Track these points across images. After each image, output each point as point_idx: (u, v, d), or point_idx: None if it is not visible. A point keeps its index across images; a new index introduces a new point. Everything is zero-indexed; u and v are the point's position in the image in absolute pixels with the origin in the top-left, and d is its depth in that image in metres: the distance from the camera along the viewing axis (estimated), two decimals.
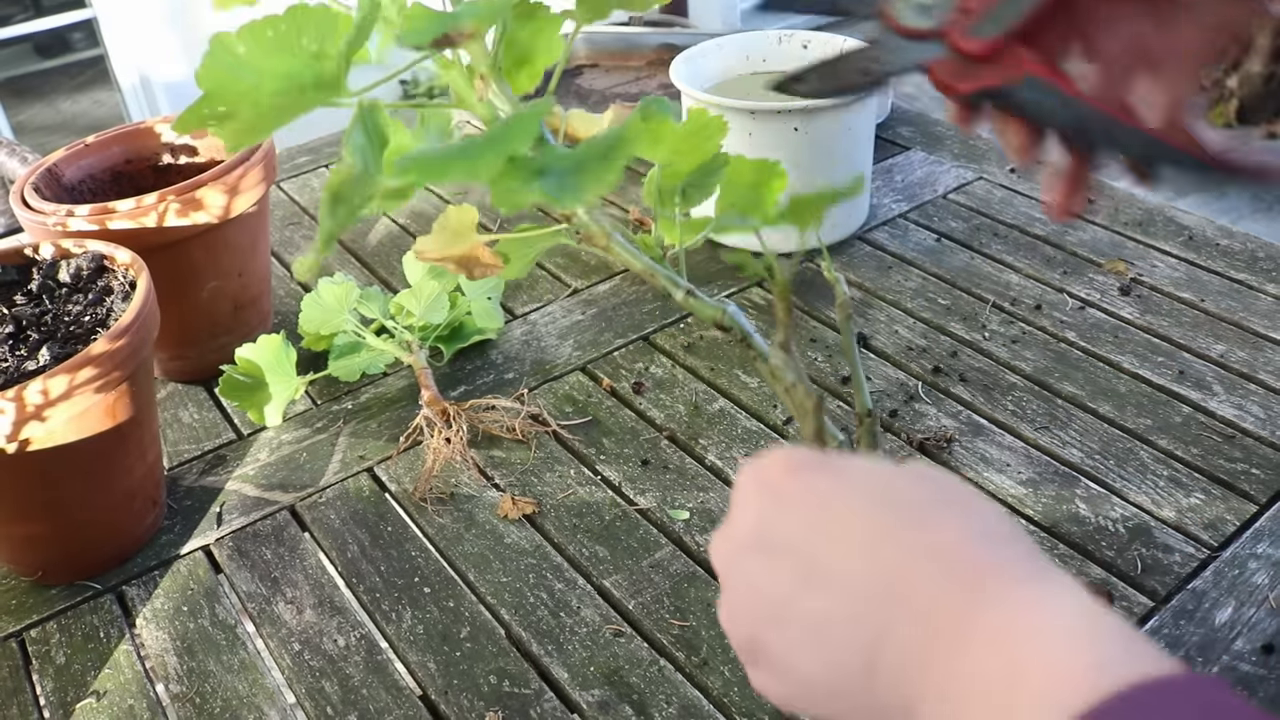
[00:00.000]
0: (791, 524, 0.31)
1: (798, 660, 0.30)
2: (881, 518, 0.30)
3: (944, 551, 0.29)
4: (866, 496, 0.31)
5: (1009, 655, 0.26)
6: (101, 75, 2.96)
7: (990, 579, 0.28)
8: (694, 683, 0.55)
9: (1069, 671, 0.25)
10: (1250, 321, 0.79)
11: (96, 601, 0.63)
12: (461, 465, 0.70)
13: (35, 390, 0.55)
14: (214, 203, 0.72)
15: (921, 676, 0.27)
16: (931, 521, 0.30)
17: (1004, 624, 0.26)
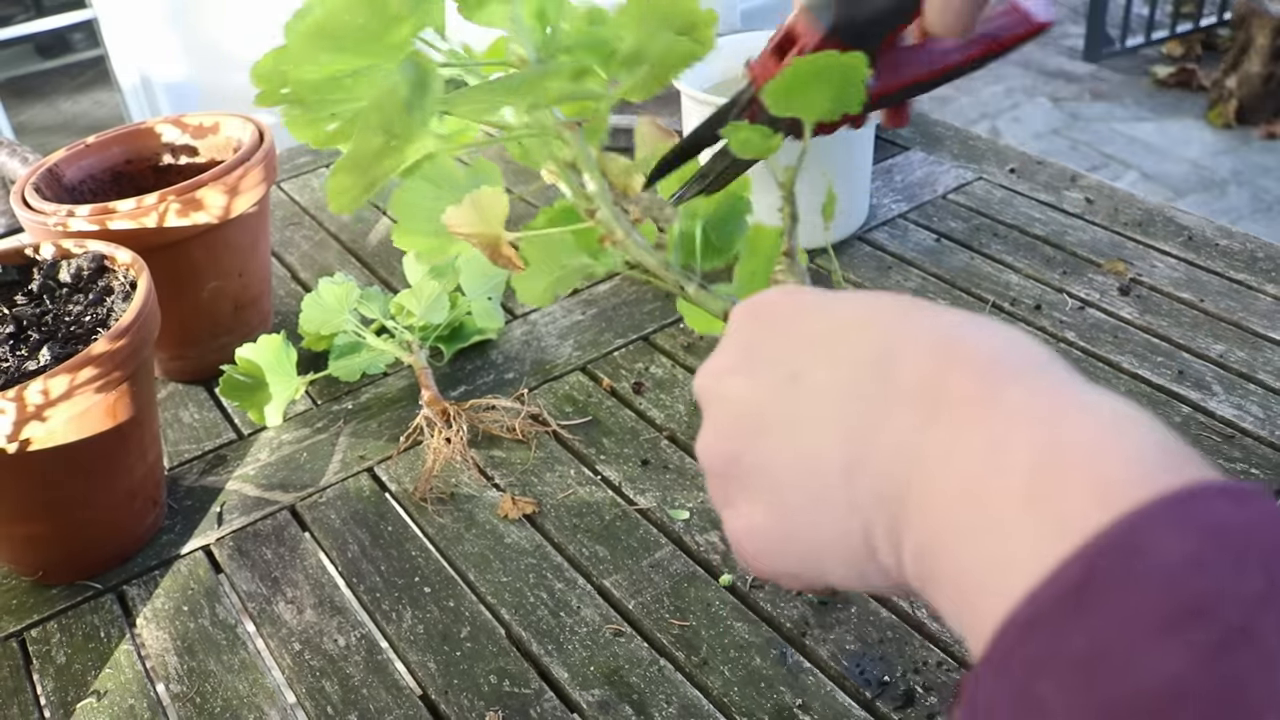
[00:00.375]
0: (776, 339, 0.29)
1: (775, 472, 0.28)
2: (873, 308, 0.28)
3: (947, 331, 0.26)
4: (859, 299, 0.29)
5: (1039, 435, 0.23)
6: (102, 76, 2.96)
7: (1005, 362, 0.25)
8: (694, 682, 0.55)
9: (1123, 457, 0.21)
10: (1250, 321, 0.79)
11: (97, 601, 0.63)
12: (461, 465, 0.70)
13: (36, 390, 0.55)
14: (214, 203, 0.72)
15: (910, 469, 0.24)
16: (932, 310, 0.27)
17: (1030, 402, 0.23)
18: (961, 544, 0.23)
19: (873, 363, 0.26)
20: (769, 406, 0.28)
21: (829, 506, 0.26)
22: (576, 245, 0.47)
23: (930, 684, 0.54)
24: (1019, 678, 0.20)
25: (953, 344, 0.26)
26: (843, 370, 0.27)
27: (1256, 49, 2.97)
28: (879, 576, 0.26)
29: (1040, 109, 3.23)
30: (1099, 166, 2.85)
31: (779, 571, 0.29)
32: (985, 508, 0.23)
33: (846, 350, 0.27)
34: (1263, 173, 2.81)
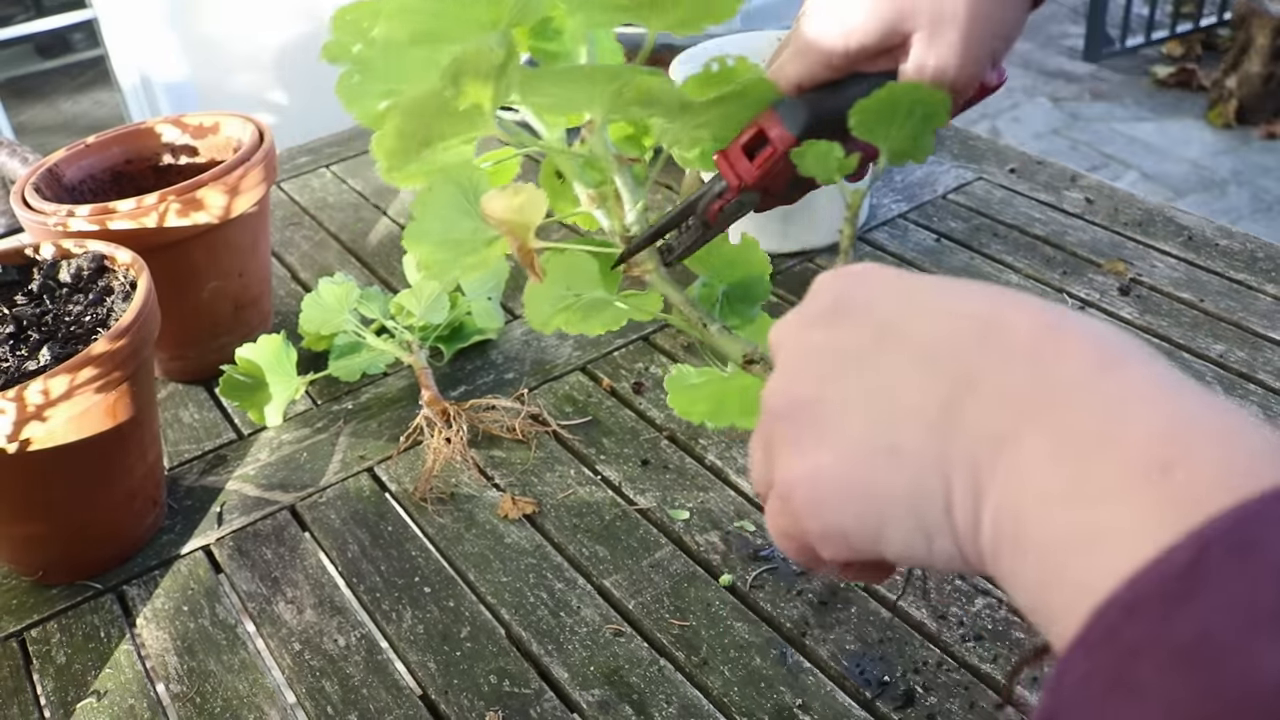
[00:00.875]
0: (865, 296, 0.28)
1: (853, 419, 0.26)
2: (967, 289, 0.27)
3: (1056, 308, 0.25)
4: (957, 281, 0.28)
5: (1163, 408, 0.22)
6: (102, 76, 2.96)
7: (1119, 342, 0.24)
8: (694, 682, 0.55)
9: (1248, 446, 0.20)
10: (1249, 321, 0.79)
11: (97, 601, 0.63)
12: (461, 465, 0.70)
13: (35, 390, 0.55)
14: (214, 203, 0.72)
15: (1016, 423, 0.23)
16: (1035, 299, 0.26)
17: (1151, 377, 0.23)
18: (1060, 509, 0.22)
19: (978, 321, 0.25)
20: (854, 354, 0.27)
21: (910, 457, 0.25)
22: (597, 274, 0.46)
23: (930, 684, 0.54)
24: (1117, 660, 0.19)
25: (1065, 316, 0.25)
26: (942, 324, 0.26)
27: (1256, 49, 2.97)
28: (945, 539, 0.25)
29: (1040, 109, 3.23)
30: (1099, 166, 2.85)
31: (829, 527, 0.27)
32: (1095, 474, 0.21)
33: (947, 308, 0.26)
34: (1263, 173, 2.81)
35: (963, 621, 0.56)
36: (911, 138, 0.41)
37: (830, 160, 0.41)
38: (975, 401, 0.24)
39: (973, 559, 0.24)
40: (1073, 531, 0.21)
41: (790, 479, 0.28)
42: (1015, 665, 0.51)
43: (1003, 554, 0.23)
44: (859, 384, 0.26)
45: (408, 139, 0.40)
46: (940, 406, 0.24)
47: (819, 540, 0.28)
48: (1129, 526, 0.20)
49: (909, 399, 0.25)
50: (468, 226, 0.47)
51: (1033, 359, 0.24)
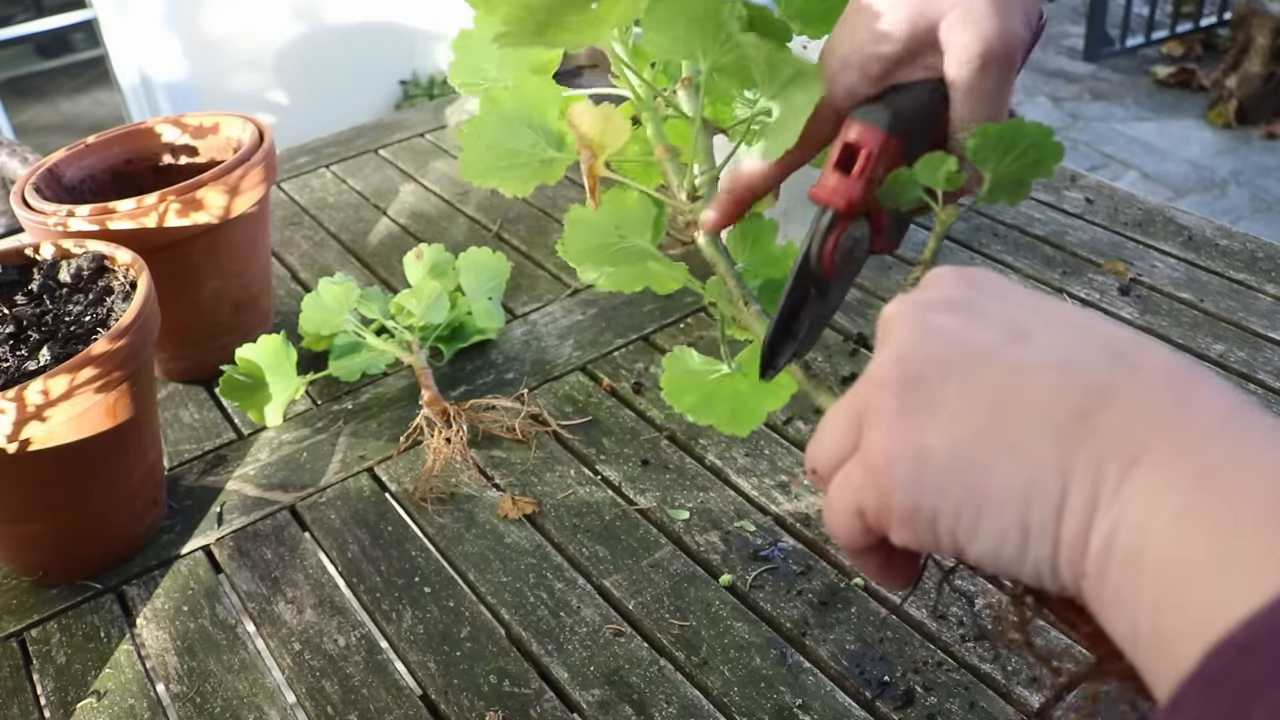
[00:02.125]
0: (998, 300, 0.28)
1: (979, 407, 0.26)
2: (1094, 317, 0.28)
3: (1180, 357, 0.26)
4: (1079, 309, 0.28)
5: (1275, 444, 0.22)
6: (102, 76, 2.96)
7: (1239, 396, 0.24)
8: (694, 682, 0.55)
9: None
10: (1249, 322, 0.79)
11: (97, 601, 0.63)
12: (461, 465, 0.70)
13: (36, 390, 0.55)
14: (214, 203, 0.72)
15: (1151, 439, 0.23)
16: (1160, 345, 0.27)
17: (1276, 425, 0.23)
18: (1194, 530, 0.21)
19: (1109, 346, 0.26)
20: (982, 346, 0.27)
21: (1030, 456, 0.25)
22: (649, 224, 0.45)
23: (930, 684, 0.54)
24: (1233, 699, 0.19)
25: (1191, 361, 0.25)
26: (1074, 339, 0.26)
27: (1256, 49, 2.97)
28: (1044, 544, 0.24)
29: (1040, 109, 3.23)
30: (1099, 166, 2.85)
31: (921, 507, 0.26)
32: (1234, 501, 0.21)
33: (1078, 325, 0.27)
34: (1263, 172, 2.81)
35: (963, 621, 0.56)
36: (1016, 175, 0.40)
37: (942, 171, 0.40)
38: (1110, 416, 0.24)
39: (1065, 569, 0.24)
40: (1204, 555, 0.21)
41: (892, 451, 0.27)
42: (1056, 691, 0.50)
43: (1111, 570, 0.23)
44: (985, 376, 0.26)
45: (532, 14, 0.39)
46: (1071, 414, 0.24)
47: (902, 520, 0.27)
48: (1263, 556, 0.20)
49: (1038, 399, 0.25)
50: (528, 139, 0.47)
51: (1171, 389, 0.24)
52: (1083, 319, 0.27)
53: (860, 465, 0.28)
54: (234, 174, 0.73)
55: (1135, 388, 0.24)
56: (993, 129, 0.40)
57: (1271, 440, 0.23)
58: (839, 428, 0.29)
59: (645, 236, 0.45)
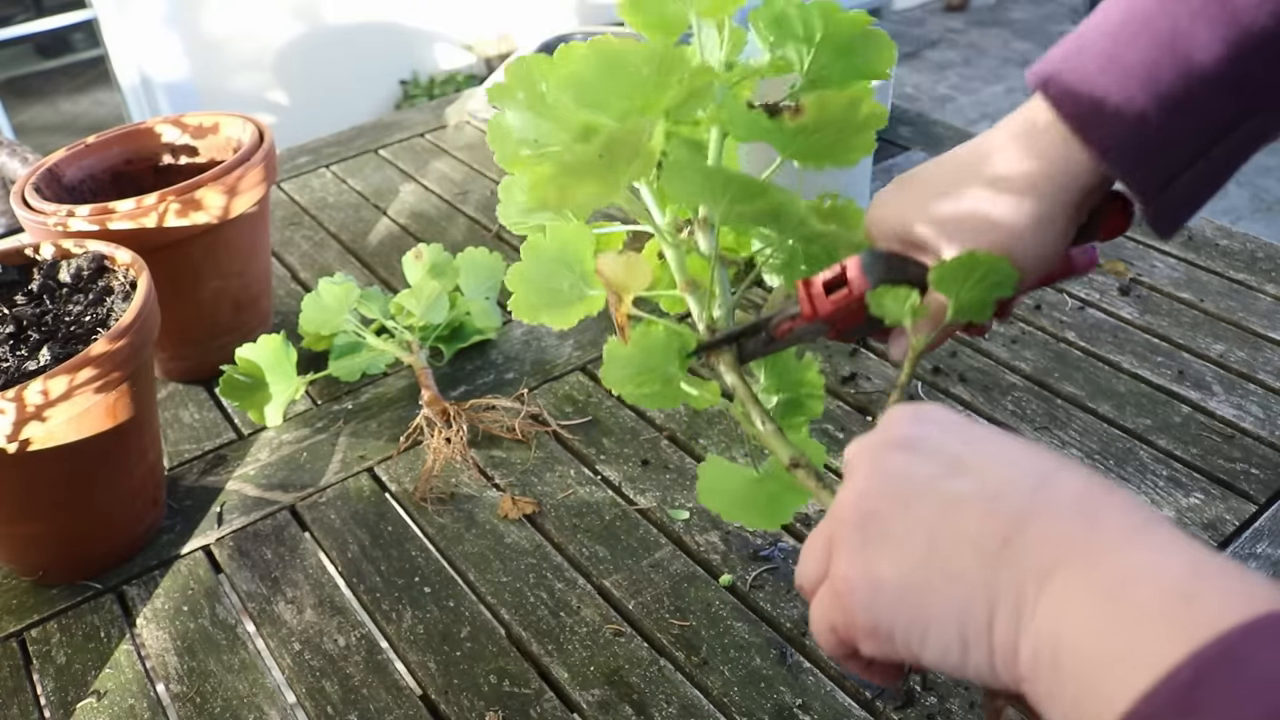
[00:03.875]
0: (940, 437, 0.33)
1: (919, 537, 0.30)
2: (1023, 447, 0.32)
3: (1096, 477, 0.30)
4: (1010, 438, 0.32)
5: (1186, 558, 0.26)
6: (102, 76, 2.96)
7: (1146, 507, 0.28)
8: (694, 682, 0.55)
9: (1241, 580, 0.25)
10: (1250, 321, 0.79)
11: (97, 601, 0.63)
12: (461, 465, 0.70)
13: (35, 390, 0.55)
14: (214, 203, 0.72)
15: (1059, 560, 0.27)
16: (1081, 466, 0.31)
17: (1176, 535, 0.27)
18: (1095, 634, 0.25)
19: (1034, 474, 0.30)
20: (924, 482, 0.31)
21: (964, 580, 0.29)
22: (675, 353, 0.51)
23: (930, 684, 0.54)
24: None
25: (1108, 485, 0.29)
26: (1003, 471, 0.31)
27: None
28: (980, 652, 0.28)
29: None
30: None
31: (879, 626, 0.31)
32: (1128, 605, 0.25)
33: (1008, 458, 0.31)
34: (1263, 173, 2.81)
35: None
36: (979, 300, 0.45)
37: (905, 306, 0.46)
38: (1028, 539, 0.28)
39: (1005, 674, 0.28)
40: (1106, 653, 0.25)
41: (852, 578, 0.31)
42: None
43: (1041, 674, 0.27)
44: (925, 510, 0.31)
45: (559, 190, 0.45)
46: (997, 540, 0.29)
47: (864, 636, 0.31)
48: (1152, 649, 0.24)
49: (969, 529, 0.29)
50: (567, 279, 0.53)
51: (1082, 511, 0.28)
52: (1015, 450, 0.31)
53: (829, 589, 0.33)
54: (234, 174, 0.73)
55: (1050, 513, 0.29)
56: (947, 265, 0.44)
57: (1172, 550, 0.26)
58: (815, 553, 0.34)
59: (674, 364, 0.50)
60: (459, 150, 1.17)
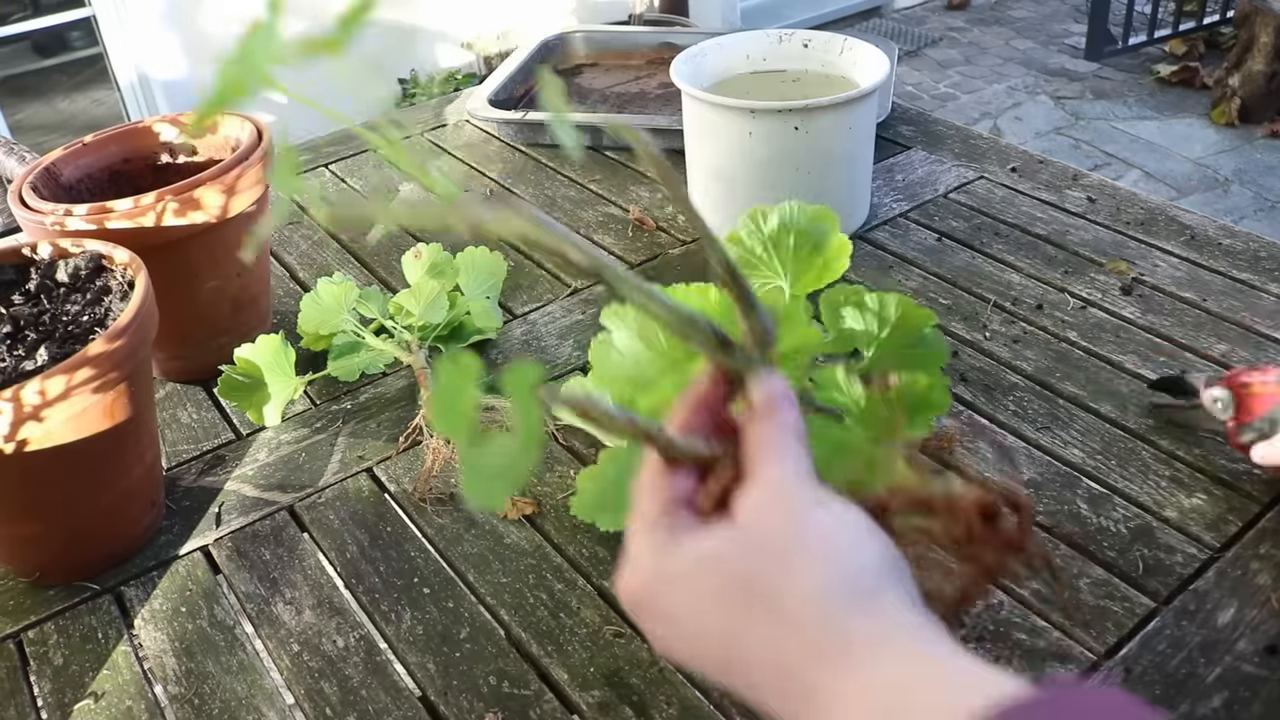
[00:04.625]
0: (657, 628, 0.34)
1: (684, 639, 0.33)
2: (722, 624, 0.31)
3: (780, 650, 0.30)
4: (708, 600, 0.32)
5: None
6: (100, 74, 2.96)
7: (833, 659, 0.29)
8: (694, 684, 0.54)
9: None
10: (1253, 321, 0.78)
11: (95, 602, 0.63)
12: (461, 465, 0.69)
13: (33, 390, 0.55)
14: (212, 202, 0.72)
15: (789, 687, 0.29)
16: (763, 615, 0.30)
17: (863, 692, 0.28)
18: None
19: (731, 666, 0.31)
20: (665, 637, 0.34)
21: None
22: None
23: None
24: None
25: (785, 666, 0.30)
26: (714, 658, 0.32)
27: (1259, 47, 2.97)
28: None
29: (1042, 108, 3.23)
30: (1101, 165, 2.84)
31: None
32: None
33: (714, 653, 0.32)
34: (1266, 171, 2.80)
35: (964, 623, 0.56)
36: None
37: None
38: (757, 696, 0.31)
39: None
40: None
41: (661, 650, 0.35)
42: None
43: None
44: (679, 648, 0.33)
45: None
46: (742, 685, 0.31)
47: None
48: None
49: (714, 672, 0.32)
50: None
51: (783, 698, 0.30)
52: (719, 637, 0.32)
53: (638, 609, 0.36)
54: (232, 174, 0.73)
55: (762, 694, 0.31)
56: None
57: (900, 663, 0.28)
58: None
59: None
60: (458, 149, 1.17)
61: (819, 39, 0.97)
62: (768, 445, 0.34)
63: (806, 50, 0.97)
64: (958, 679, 0.27)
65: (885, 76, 0.87)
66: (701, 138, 0.89)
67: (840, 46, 0.95)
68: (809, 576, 0.30)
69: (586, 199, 1.04)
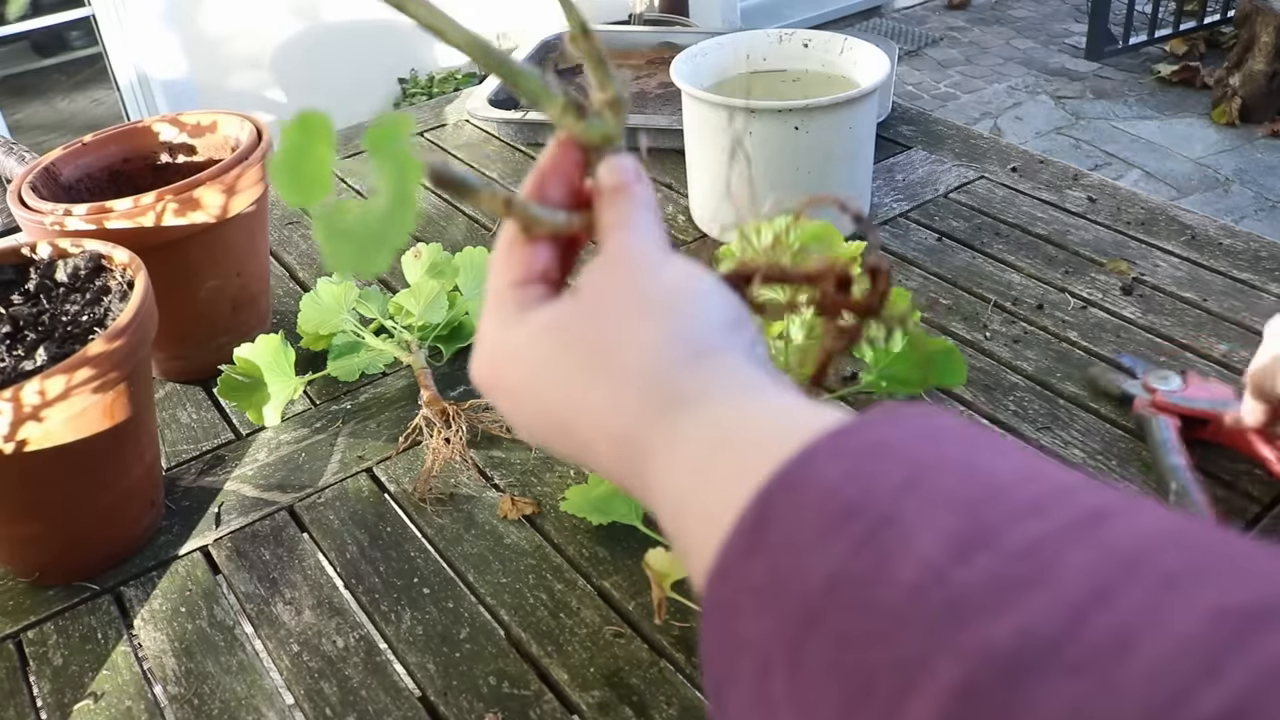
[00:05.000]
0: (504, 406, 0.33)
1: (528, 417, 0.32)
2: (560, 393, 0.31)
3: (615, 413, 0.29)
4: (548, 370, 0.31)
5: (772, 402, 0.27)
6: (99, 74, 2.96)
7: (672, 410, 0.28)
8: (694, 684, 0.54)
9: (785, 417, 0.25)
10: (1253, 321, 0.78)
11: (94, 602, 0.63)
12: (461, 465, 0.69)
13: (32, 390, 0.55)
14: (212, 202, 0.72)
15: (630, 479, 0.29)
16: (598, 377, 0.29)
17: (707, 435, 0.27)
18: (688, 493, 0.26)
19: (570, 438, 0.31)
20: (510, 411, 0.33)
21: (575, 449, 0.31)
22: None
23: None
24: (720, 623, 0.23)
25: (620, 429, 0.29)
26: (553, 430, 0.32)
27: (1260, 47, 2.96)
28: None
29: (1043, 107, 3.23)
30: (1101, 165, 2.84)
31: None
32: (716, 458, 0.25)
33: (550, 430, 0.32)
34: (1266, 171, 2.80)
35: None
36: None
37: None
38: (597, 465, 0.31)
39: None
40: (693, 507, 0.26)
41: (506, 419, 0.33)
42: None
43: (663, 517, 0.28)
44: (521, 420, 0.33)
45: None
46: (580, 457, 0.31)
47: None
48: (724, 492, 0.24)
49: (555, 443, 0.32)
50: None
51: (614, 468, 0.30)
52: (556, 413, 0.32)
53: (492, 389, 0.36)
54: (232, 173, 0.73)
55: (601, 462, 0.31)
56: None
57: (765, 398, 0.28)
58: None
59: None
60: (458, 149, 1.17)
61: (819, 38, 0.97)
62: (616, 220, 0.33)
63: (806, 50, 0.97)
64: (791, 412, 0.26)
65: (885, 76, 0.87)
66: (701, 138, 0.89)
67: (840, 46, 0.95)
68: (645, 332, 0.29)
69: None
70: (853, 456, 0.22)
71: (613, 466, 0.29)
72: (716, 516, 0.24)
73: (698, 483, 0.25)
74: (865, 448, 0.23)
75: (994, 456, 0.22)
